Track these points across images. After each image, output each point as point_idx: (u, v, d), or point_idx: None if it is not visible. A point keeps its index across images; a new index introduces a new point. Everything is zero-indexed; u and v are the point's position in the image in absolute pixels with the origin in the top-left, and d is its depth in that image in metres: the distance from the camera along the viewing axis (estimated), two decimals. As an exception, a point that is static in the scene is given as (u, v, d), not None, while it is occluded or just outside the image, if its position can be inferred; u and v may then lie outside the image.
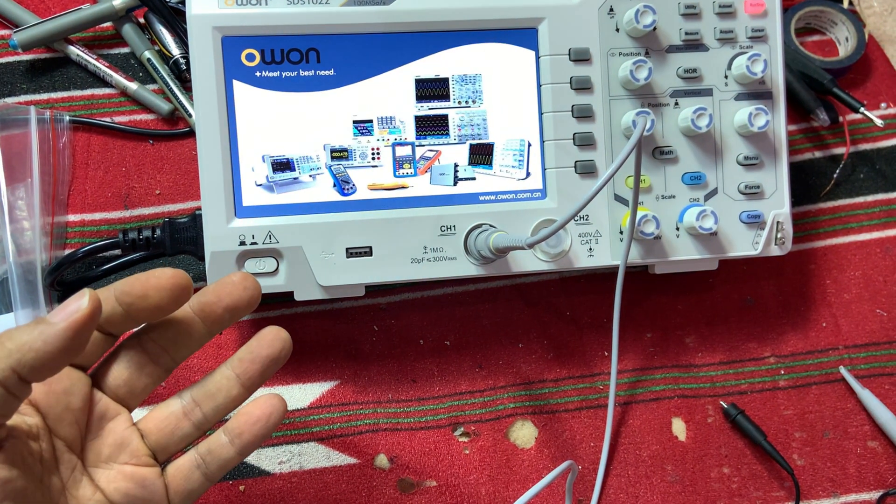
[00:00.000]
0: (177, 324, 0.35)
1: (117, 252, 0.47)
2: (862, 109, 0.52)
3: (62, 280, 0.47)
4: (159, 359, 0.35)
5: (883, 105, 0.55)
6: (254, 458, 0.46)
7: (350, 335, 0.49)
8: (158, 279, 0.32)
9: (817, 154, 0.54)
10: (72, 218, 0.48)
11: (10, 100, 0.50)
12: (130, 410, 0.35)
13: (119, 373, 0.35)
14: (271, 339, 0.35)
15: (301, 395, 0.48)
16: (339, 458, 0.47)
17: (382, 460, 0.47)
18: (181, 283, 0.33)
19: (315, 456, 0.47)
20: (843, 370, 0.51)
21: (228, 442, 0.35)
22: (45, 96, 0.50)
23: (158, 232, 0.44)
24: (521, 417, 0.49)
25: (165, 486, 0.35)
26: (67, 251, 0.47)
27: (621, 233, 0.45)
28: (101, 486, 0.34)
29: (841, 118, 0.54)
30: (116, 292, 0.33)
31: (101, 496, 0.33)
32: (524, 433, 0.49)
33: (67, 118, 0.49)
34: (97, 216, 0.49)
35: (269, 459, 0.47)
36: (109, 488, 0.34)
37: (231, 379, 0.35)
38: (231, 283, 0.34)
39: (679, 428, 0.50)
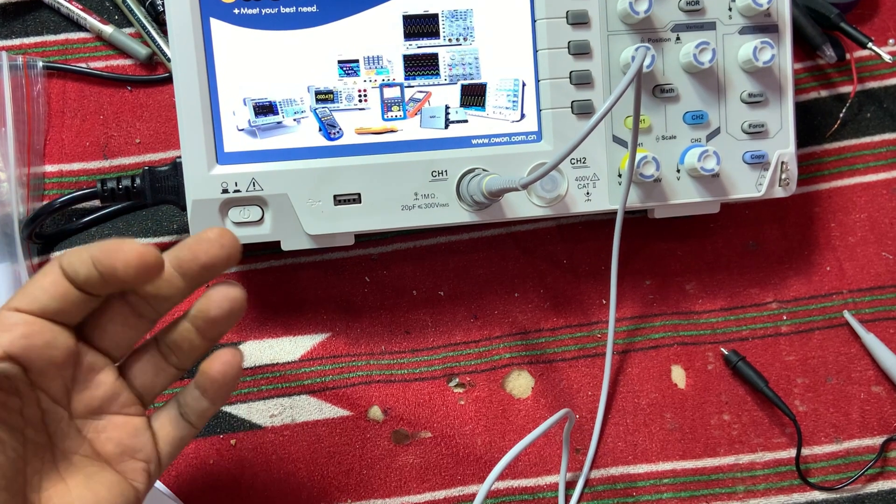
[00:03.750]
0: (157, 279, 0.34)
1: (97, 203, 0.46)
2: (870, 45, 0.50)
3: (41, 232, 0.46)
4: (143, 311, 0.34)
5: (891, 41, 0.53)
6: (244, 412, 0.46)
7: (341, 286, 0.48)
8: (126, 253, 0.31)
9: (823, 93, 0.52)
10: (49, 168, 0.47)
11: (-21, 46, 0.48)
12: (115, 363, 0.35)
13: (103, 326, 0.34)
14: (220, 299, 0.34)
15: (292, 347, 0.47)
16: (331, 411, 0.46)
17: (376, 412, 0.46)
18: (148, 261, 0.31)
19: (307, 409, 0.46)
20: (847, 314, 0.50)
21: (200, 395, 0.36)
22: (16, 41, 0.48)
23: (138, 181, 0.43)
24: (517, 367, 0.48)
25: (154, 434, 0.36)
26: (45, 203, 0.46)
27: (620, 176, 0.44)
28: (90, 437, 0.34)
29: (848, 55, 0.51)
30: (93, 257, 0.31)
31: (88, 447, 0.34)
32: (520, 383, 0.48)
33: (41, 64, 0.47)
34: (75, 166, 0.47)
35: (260, 413, 0.46)
36: (100, 439, 0.34)
37: (191, 331, 0.35)
38: (207, 241, 0.33)
39: (678, 375, 0.49)
